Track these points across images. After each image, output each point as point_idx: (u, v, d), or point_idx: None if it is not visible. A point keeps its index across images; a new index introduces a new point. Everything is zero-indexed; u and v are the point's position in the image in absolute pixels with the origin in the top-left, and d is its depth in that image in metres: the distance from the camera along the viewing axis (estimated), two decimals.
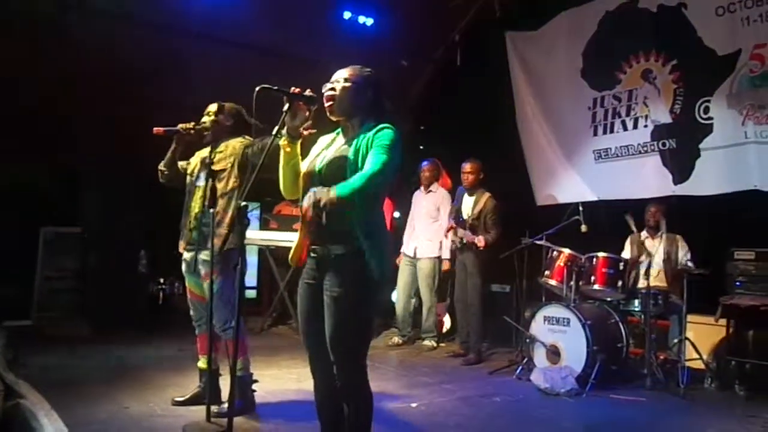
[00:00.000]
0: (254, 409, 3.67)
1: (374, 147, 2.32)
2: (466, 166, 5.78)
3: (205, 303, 3.53)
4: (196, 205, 3.64)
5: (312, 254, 2.44)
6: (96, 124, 6.28)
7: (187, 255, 3.71)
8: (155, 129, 3.59)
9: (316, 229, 2.38)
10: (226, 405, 3.44)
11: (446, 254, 6.23)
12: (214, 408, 3.42)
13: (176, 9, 5.87)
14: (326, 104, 2.42)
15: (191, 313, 3.80)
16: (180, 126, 3.64)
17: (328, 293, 2.36)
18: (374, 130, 2.37)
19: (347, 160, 2.36)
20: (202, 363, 3.73)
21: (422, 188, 6.51)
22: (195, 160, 3.81)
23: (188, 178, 3.79)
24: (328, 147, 2.53)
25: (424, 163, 6.50)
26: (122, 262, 6.79)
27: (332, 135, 2.58)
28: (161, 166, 3.81)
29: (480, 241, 5.45)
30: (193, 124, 3.64)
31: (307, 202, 2.24)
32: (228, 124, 3.70)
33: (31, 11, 5.46)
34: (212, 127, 3.66)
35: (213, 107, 3.70)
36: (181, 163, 3.83)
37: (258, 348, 5.45)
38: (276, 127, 2.39)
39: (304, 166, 2.50)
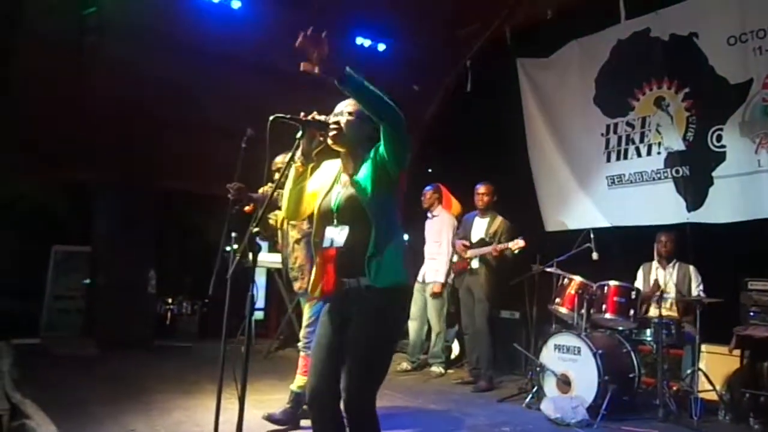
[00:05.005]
0: (298, 424, 3.91)
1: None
2: (481, 188, 5.81)
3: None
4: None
5: (342, 286, 2.45)
6: (109, 143, 6.34)
7: None
8: None
9: (346, 262, 2.42)
10: (275, 411, 3.93)
11: (440, 277, 6.19)
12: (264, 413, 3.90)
13: (191, 31, 5.94)
14: (331, 134, 2.48)
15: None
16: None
17: (358, 324, 2.39)
18: (377, 146, 2.46)
19: (360, 185, 2.43)
20: (301, 383, 3.92)
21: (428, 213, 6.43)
22: None
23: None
24: (336, 183, 2.58)
25: (427, 188, 6.44)
26: (131, 281, 6.76)
27: (336, 167, 2.62)
28: None
29: (495, 249, 5.47)
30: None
31: None
32: None
33: (53, 32, 5.56)
34: None
35: None
36: None
37: (265, 372, 5.42)
38: (291, 153, 2.44)
39: (314, 197, 2.58)
